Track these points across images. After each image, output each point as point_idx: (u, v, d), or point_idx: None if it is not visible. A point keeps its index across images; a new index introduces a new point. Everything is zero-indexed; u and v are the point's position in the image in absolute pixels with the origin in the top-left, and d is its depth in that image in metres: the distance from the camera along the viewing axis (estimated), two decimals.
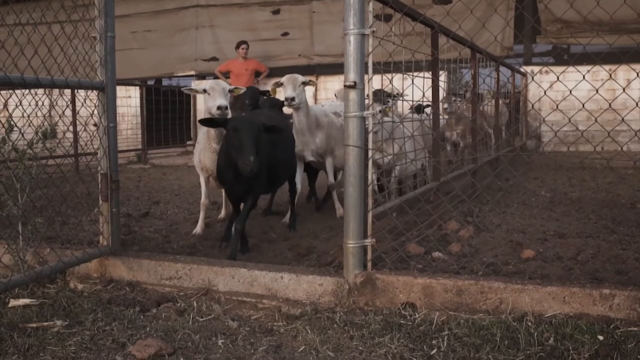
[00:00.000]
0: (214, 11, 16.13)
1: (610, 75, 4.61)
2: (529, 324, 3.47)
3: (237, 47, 13.62)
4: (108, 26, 4.46)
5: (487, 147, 9.99)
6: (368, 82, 3.87)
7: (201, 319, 3.83)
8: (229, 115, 5.47)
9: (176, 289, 4.31)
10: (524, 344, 3.28)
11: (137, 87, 15.35)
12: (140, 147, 15.01)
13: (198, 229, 6.06)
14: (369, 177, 3.93)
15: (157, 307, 4.07)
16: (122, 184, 10.22)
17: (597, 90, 4.22)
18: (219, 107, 5.42)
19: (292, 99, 6.19)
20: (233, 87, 5.79)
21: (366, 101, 3.92)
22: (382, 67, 4.32)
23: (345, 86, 3.81)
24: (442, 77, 11.66)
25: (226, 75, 13.81)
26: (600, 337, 3.31)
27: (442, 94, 8.05)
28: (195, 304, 4.06)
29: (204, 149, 5.80)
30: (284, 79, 6.37)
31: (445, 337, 3.41)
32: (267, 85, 14.11)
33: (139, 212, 7.25)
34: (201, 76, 16.13)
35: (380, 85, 6.22)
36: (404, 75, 4.91)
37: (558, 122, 12.21)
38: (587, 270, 4.32)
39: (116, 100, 4.63)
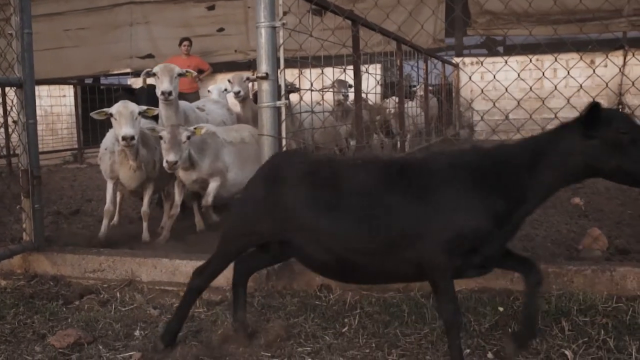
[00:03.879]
0: (148, 8, 16.03)
1: (554, 69, 4.79)
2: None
3: (180, 44, 13.53)
4: (24, 23, 4.48)
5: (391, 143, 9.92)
6: (279, 73, 3.99)
7: (123, 309, 3.91)
8: (135, 145, 5.11)
9: (100, 281, 4.37)
10: (430, 319, 3.48)
11: (72, 86, 15.14)
12: (76, 146, 14.83)
13: (101, 234, 5.50)
14: None
15: (80, 299, 4.13)
16: (57, 184, 10.20)
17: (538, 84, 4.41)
18: (123, 138, 5.00)
19: (169, 93, 5.64)
20: (145, 107, 5.28)
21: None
22: (300, 60, 4.45)
23: (257, 77, 3.92)
24: (377, 70, 11.84)
25: None
26: (501, 309, 3.53)
27: (377, 88, 8.18)
28: (118, 294, 4.13)
29: (120, 164, 5.39)
30: (157, 69, 5.79)
31: (357, 315, 3.57)
32: (210, 83, 14.17)
33: (70, 210, 7.24)
34: (136, 73, 16.00)
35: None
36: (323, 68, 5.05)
37: (490, 112, 12.54)
38: None
39: (35, 97, 4.65)
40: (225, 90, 7.68)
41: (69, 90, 15.38)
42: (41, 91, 15.22)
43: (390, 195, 2.87)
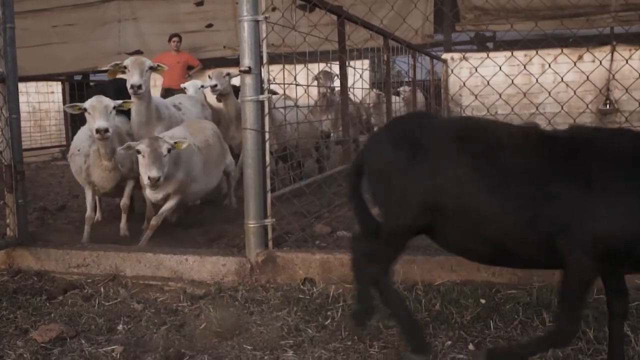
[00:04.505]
0: (136, 4, 15.93)
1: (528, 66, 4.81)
2: (419, 292, 3.69)
3: (169, 40, 13.46)
4: (7, 17, 4.45)
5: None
6: (262, 67, 3.99)
7: (107, 304, 3.91)
8: (109, 138, 4.94)
9: (84, 276, 4.36)
10: (413, 311, 3.47)
11: (60, 83, 15.09)
12: (64, 143, 14.76)
13: (84, 241, 5.19)
14: (267, 160, 4.05)
15: (64, 294, 4.12)
16: (45, 180, 10.16)
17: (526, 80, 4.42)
18: (97, 131, 4.82)
19: (139, 86, 5.43)
20: (120, 101, 5.12)
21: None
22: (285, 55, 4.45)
23: (240, 71, 3.92)
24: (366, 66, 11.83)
25: None
26: (483, 301, 3.54)
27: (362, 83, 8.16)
28: (102, 289, 4.13)
29: (94, 165, 5.22)
30: (128, 62, 5.56)
31: (340, 308, 3.58)
32: (200, 80, 14.11)
33: (56, 206, 7.22)
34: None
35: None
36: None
37: (479, 107, 12.57)
38: None
39: (18, 92, 4.62)
40: (202, 86, 7.59)
41: (57, 87, 15.32)
42: (29, 87, 15.18)
43: (557, 176, 2.48)
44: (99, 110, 4.89)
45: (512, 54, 4.92)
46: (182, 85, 8.07)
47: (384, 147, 2.83)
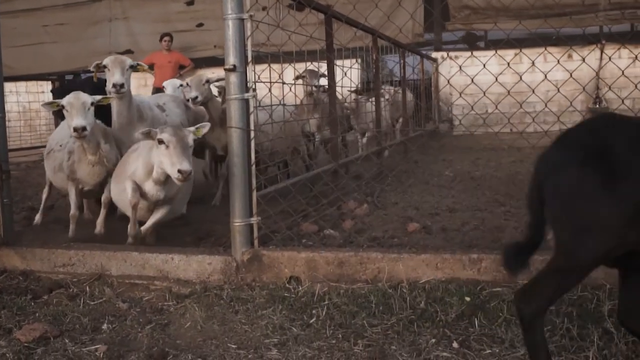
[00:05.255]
0: (127, 3, 15.91)
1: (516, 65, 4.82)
2: (404, 290, 3.68)
3: (160, 39, 13.43)
4: None
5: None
6: (247, 65, 3.98)
7: (92, 303, 3.90)
8: (87, 137, 4.82)
9: (70, 276, 4.34)
10: (398, 309, 3.49)
11: (50, 82, 15.04)
12: None
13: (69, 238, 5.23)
14: (252, 158, 4.05)
15: (49, 293, 4.10)
16: (34, 180, 10.08)
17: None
18: (74, 129, 4.70)
19: (121, 85, 5.30)
20: (100, 97, 5.00)
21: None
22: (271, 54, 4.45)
23: (225, 69, 3.92)
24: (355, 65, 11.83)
25: (150, 68, 13.63)
26: (468, 299, 3.55)
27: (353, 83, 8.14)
28: (87, 288, 4.12)
29: (79, 161, 5.12)
30: (108, 62, 5.42)
31: (325, 307, 3.58)
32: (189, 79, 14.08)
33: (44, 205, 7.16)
34: None
35: None
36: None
37: (468, 105, 12.60)
38: (466, 240, 4.57)
39: (3, 91, 4.60)
40: (182, 85, 7.46)
41: (47, 87, 15.26)
42: (19, 87, 15.14)
43: None
44: (76, 107, 4.76)
45: (496, 51, 4.91)
46: (163, 84, 7.99)
47: (569, 164, 2.37)
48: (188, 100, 6.42)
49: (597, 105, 13.43)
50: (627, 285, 2.56)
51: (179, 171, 4.12)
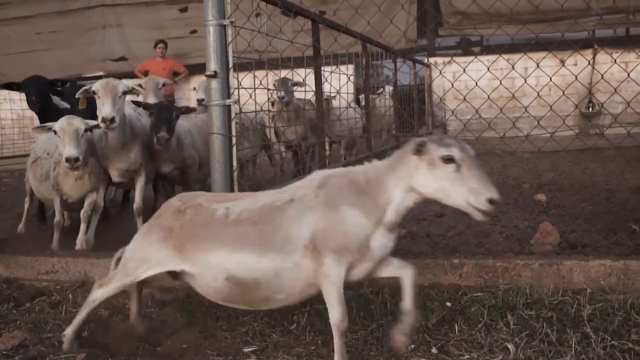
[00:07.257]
0: (120, 10, 15.94)
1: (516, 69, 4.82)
2: (386, 296, 3.67)
3: (155, 46, 13.42)
4: None
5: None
6: (228, 71, 3.98)
7: (74, 310, 3.87)
8: (80, 167, 4.68)
9: (53, 283, 4.34)
10: (378, 315, 3.48)
11: None
12: None
13: (53, 246, 5.12)
14: (234, 164, 4.04)
15: (32, 301, 4.10)
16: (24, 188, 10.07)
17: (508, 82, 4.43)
18: (67, 160, 4.51)
19: (112, 119, 4.58)
20: (93, 123, 4.72)
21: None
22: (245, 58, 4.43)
23: (206, 76, 3.92)
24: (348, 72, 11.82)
25: (145, 75, 13.63)
26: (449, 304, 3.55)
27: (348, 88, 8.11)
28: (70, 296, 4.11)
29: (65, 175, 4.95)
30: (98, 87, 4.73)
31: (306, 313, 3.57)
32: (185, 86, 14.07)
33: (34, 212, 7.15)
34: (110, 76, 15.89)
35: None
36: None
37: (462, 110, 12.61)
38: (451, 245, 4.57)
39: None
40: (164, 84, 7.16)
41: None
42: (14, 94, 15.08)
43: None
44: (69, 134, 4.54)
45: (478, 55, 4.91)
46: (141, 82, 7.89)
47: None
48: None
49: (590, 110, 13.46)
50: None
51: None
